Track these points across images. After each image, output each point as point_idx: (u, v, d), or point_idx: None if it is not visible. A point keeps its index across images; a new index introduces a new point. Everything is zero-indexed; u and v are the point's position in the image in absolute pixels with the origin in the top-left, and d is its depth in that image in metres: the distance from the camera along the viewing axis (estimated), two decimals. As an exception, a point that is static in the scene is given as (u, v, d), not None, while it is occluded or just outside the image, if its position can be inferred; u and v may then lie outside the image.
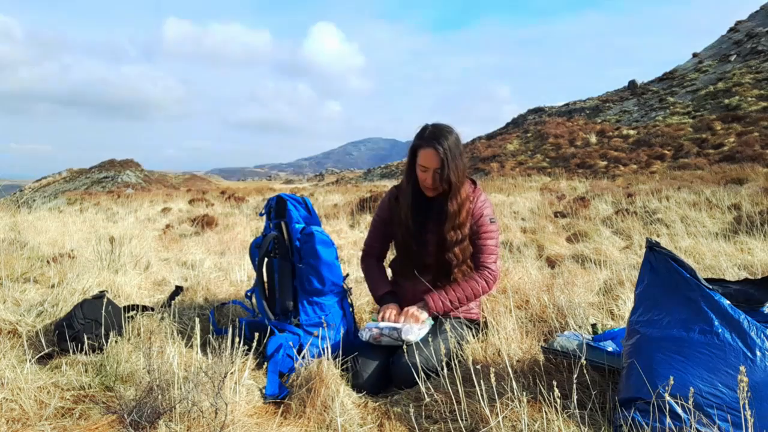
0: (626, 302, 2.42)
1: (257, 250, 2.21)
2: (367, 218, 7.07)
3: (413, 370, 1.73)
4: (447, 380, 1.60)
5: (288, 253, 2.17)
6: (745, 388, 1.10)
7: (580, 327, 2.16)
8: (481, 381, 1.50)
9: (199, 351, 1.99)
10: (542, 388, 1.53)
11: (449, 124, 2.01)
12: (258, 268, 2.20)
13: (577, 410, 1.42)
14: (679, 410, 1.27)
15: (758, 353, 1.27)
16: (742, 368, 1.12)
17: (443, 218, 2.02)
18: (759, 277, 2.21)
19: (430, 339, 1.89)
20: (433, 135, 1.96)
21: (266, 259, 2.23)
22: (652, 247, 1.47)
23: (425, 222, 2.08)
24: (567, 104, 35.94)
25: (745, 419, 1.14)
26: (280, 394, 1.74)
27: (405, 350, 1.81)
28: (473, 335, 2.04)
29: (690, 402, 1.22)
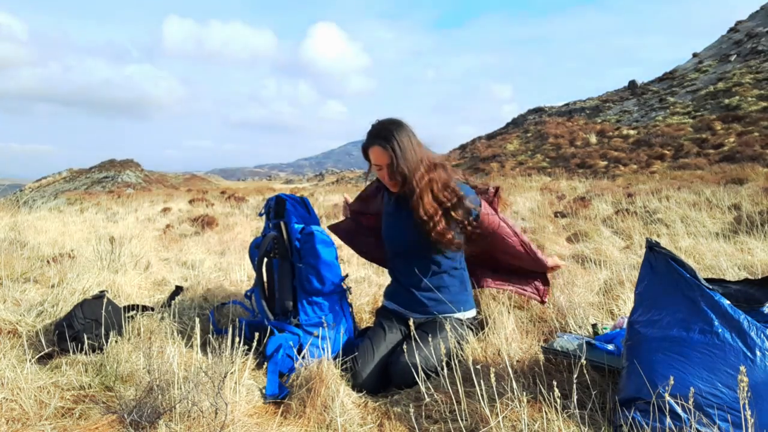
0: (626, 302, 2.42)
1: (257, 251, 2.21)
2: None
3: (413, 370, 1.73)
4: (447, 380, 1.60)
5: (287, 253, 2.17)
6: (746, 388, 1.10)
7: (580, 327, 2.16)
8: (481, 381, 1.50)
9: (199, 351, 1.99)
10: (542, 388, 1.53)
11: (397, 117, 1.97)
12: (257, 269, 2.20)
13: (577, 410, 1.42)
14: (679, 410, 1.27)
15: (758, 353, 1.27)
16: (742, 368, 1.12)
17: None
18: (759, 277, 2.21)
19: (429, 339, 1.89)
20: (377, 132, 1.93)
21: (266, 259, 2.23)
22: (652, 247, 1.47)
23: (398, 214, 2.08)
24: (567, 104, 35.92)
25: (745, 419, 1.14)
26: (280, 394, 1.74)
27: (405, 350, 1.81)
28: (473, 335, 2.04)
29: (690, 402, 1.22)
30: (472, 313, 2.11)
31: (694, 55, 34.85)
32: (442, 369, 1.69)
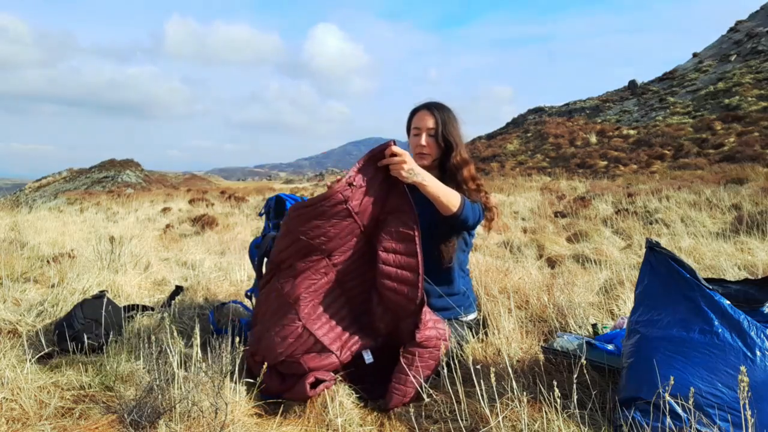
0: (626, 302, 2.42)
1: (257, 250, 2.21)
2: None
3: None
4: (447, 380, 1.60)
5: (288, 253, 2.17)
6: (746, 388, 1.10)
7: (580, 327, 2.16)
8: (481, 381, 1.50)
9: (199, 351, 1.99)
10: (542, 388, 1.52)
11: None
12: (258, 269, 2.20)
13: (577, 410, 1.41)
14: (679, 410, 1.27)
15: (758, 353, 1.27)
16: (742, 368, 1.12)
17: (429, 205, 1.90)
18: (759, 277, 2.21)
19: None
20: (430, 102, 2.02)
21: (266, 259, 2.23)
22: (653, 247, 1.47)
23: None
24: (567, 104, 35.92)
25: (745, 419, 1.14)
26: (280, 394, 1.74)
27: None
28: (473, 335, 2.04)
29: (690, 402, 1.22)
30: (473, 315, 2.12)
31: (694, 55, 34.86)
32: (443, 369, 1.69)
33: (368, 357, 1.73)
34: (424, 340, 1.63)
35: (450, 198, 1.72)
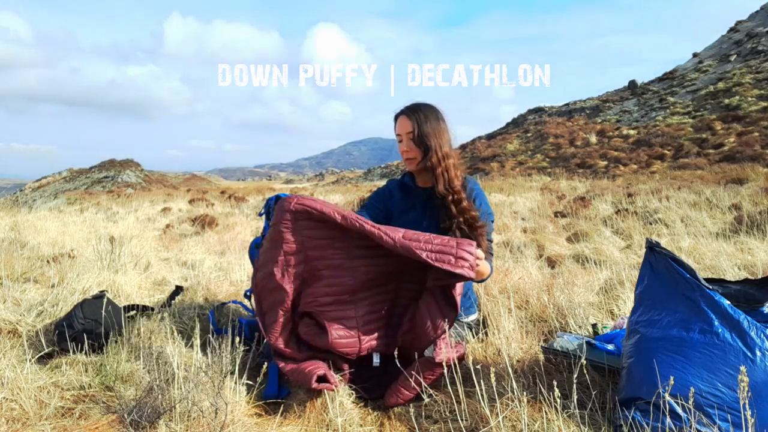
0: (626, 302, 2.42)
1: (257, 251, 2.21)
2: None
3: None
4: (447, 380, 1.60)
5: (288, 253, 2.17)
6: (746, 388, 1.10)
7: (580, 327, 2.16)
8: (481, 381, 1.50)
9: (199, 351, 1.99)
10: (542, 388, 1.53)
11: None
12: (258, 268, 2.19)
13: (577, 410, 1.41)
14: (679, 410, 1.27)
15: (758, 353, 1.27)
16: (742, 368, 1.12)
17: (433, 205, 1.98)
18: (759, 277, 2.21)
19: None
20: (408, 105, 2.00)
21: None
22: (652, 248, 1.47)
23: (412, 210, 2.05)
24: (567, 104, 35.89)
25: (745, 419, 1.14)
26: (280, 394, 1.74)
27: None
28: (473, 335, 2.04)
29: (690, 402, 1.22)
30: (473, 316, 2.12)
31: (694, 55, 34.85)
32: (443, 369, 1.69)
33: (377, 360, 1.76)
34: (442, 361, 1.64)
35: (486, 273, 1.86)
